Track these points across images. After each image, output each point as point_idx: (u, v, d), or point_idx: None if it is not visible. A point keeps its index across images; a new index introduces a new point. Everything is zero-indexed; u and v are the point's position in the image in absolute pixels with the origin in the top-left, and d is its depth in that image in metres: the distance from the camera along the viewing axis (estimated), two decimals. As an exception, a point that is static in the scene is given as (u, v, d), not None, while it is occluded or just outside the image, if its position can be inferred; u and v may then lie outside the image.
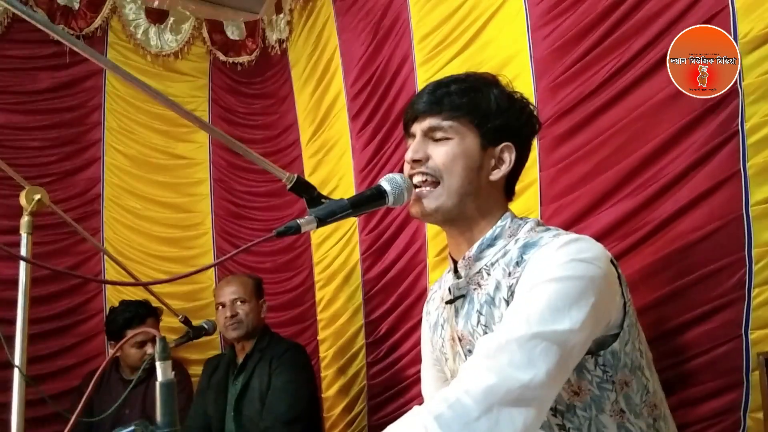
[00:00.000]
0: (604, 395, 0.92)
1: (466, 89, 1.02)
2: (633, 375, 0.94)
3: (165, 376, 0.80)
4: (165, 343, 0.83)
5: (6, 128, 2.60)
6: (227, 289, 2.23)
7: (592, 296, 0.84)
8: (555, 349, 0.79)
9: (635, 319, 0.98)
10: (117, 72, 0.86)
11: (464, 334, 1.01)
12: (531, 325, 0.80)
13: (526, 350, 0.78)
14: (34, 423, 1.27)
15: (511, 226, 1.01)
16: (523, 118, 1.06)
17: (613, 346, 0.92)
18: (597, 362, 0.91)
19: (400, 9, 2.11)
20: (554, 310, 0.81)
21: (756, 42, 1.16)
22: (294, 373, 2.08)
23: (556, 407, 0.94)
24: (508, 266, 0.95)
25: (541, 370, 0.76)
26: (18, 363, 1.18)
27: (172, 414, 0.79)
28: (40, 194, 1.28)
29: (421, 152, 1.01)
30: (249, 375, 2.13)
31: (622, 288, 0.95)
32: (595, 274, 0.86)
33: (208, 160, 2.98)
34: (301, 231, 0.86)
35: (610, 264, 0.91)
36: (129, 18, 2.87)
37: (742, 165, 1.18)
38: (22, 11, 0.78)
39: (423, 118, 1.03)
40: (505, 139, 1.03)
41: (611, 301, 0.90)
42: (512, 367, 0.76)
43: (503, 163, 1.03)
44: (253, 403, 2.09)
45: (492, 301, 0.96)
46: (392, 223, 2.17)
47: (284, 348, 2.16)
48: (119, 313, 2.32)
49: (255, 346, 2.18)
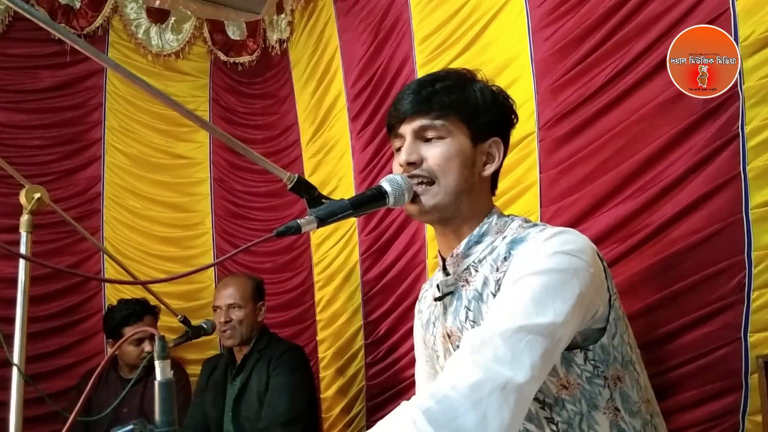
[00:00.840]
0: (595, 390, 0.92)
1: (452, 87, 1.02)
2: (625, 370, 0.94)
3: (164, 375, 0.80)
4: (164, 342, 0.83)
5: (6, 127, 2.60)
6: (224, 293, 2.21)
7: (577, 288, 0.84)
8: (540, 341, 0.79)
9: (622, 313, 0.98)
10: (118, 71, 0.86)
11: (453, 330, 1.02)
12: (515, 318, 0.81)
13: (511, 344, 0.78)
14: (32, 422, 1.27)
15: (498, 223, 1.03)
16: (507, 111, 1.08)
17: (602, 341, 0.92)
18: (587, 357, 0.92)
19: (401, 10, 2.11)
20: (538, 302, 0.82)
21: (757, 45, 1.16)
22: (292, 374, 2.08)
23: (544, 400, 0.94)
24: (495, 262, 0.96)
25: (526, 364, 0.77)
26: (17, 361, 1.18)
27: (171, 413, 0.79)
28: (40, 193, 1.28)
29: (415, 154, 1.00)
30: (247, 375, 2.13)
31: (608, 281, 0.95)
32: (579, 266, 0.87)
33: (209, 160, 2.98)
34: (301, 231, 0.86)
35: (596, 256, 0.92)
36: (130, 17, 2.87)
37: (742, 168, 1.19)
38: (25, 9, 0.78)
39: (412, 118, 1.02)
40: (493, 134, 1.04)
41: (597, 293, 0.90)
42: (497, 361, 0.77)
43: (493, 158, 1.05)
44: (251, 403, 2.08)
45: (480, 297, 0.97)
46: (392, 224, 2.17)
47: (283, 349, 2.16)
48: (116, 311, 2.33)
49: (253, 347, 2.17)
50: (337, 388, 2.45)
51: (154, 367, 0.81)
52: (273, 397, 2.03)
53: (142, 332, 2.26)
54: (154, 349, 0.82)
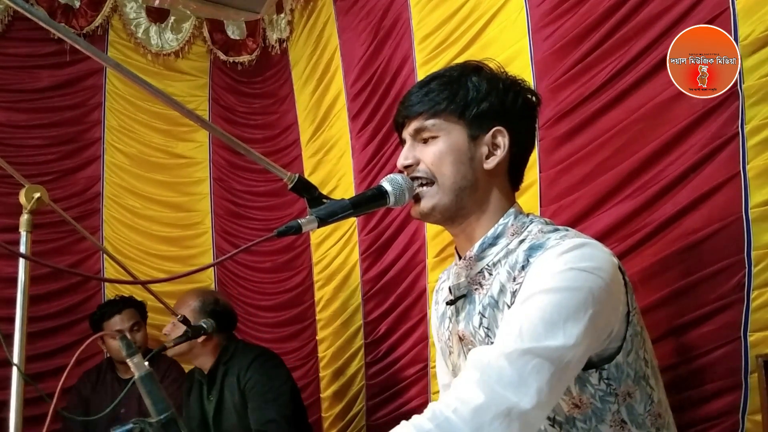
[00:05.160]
0: (606, 407, 0.90)
1: (445, 83, 1.00)
2: (637, 385, 0.91)
3: (139, 371, 0.80)
4: (127, 340, 0.84)
5: (6, 126, 2.60)
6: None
7: (591, 308, 0.80)
8: (547, 365, 0.77)
9: (640, 328, 0.94)
10: (118, 70, 0.86)
11: (465, 335, 1.00)
12: (523, 340, 0.78)
13: (517, 367, 0.76)
14: (32, 421, 1.26)
15: (515, 224, 0.97)
16: (509, 97, 0.99)
17: (617, 359, 0.88)
18: (601, 376, 0.89)
19: (400, 9, 2.11)
20: (548, 323, 0.79)
21: (757, 44, 1.16)
22: (265, 384, 1.98)
23: (554, 418, 0.92)
24: (513, 269, 0.92)
25: (532, 389, 0.75)
26: (17, 361, 1.17)
27: (162, 401, 0.79)
28: (39, 192, 1.27)
29: (411, 158, 0.99)
30: (219, 390, 2.05)
31: (628, 296, 0.91)
32: (595, 284, 0.82)
33: (208, 160, 2.98)
34: (302, 231, 0.85)
35: (616, 272, 0.88)
36: (130, 17, 2.87)
37: (742, 167, 1.18)
38: (25, 9, 0.78)
39: (409, 122, 1.01)
40: (494, 123, 0.98)
41: (613, 312, 0.87)
42: (501, 385, 0.75)
43: (498, 149, 0.98)
44: (230, 416, 2.03)
45: (495, 305, 0.94)
46: (392, 224, 2.17)
47: (250, 359, 2.03)
48: (97, 309, 2.38)
49: (218, 360, 2.06)
50: (337, 388, 2.45)
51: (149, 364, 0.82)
52: (256, 405, 1.95)
53: (126, 321, 2.33)
54: (122, 349, 0.83)
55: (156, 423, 0.77)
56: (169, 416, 0.78)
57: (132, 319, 2.35)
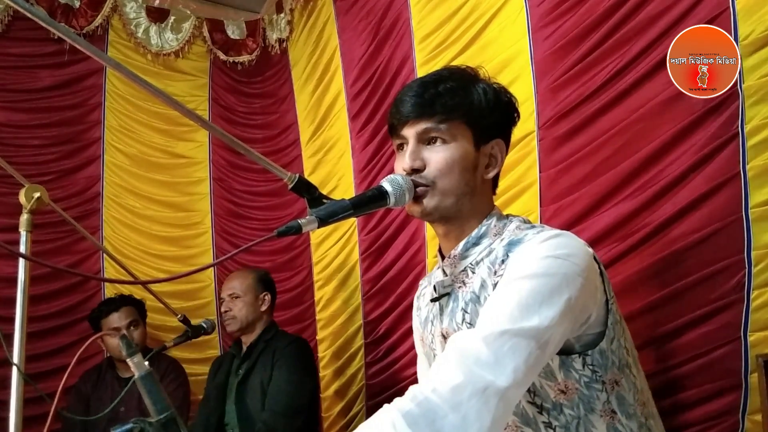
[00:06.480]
0: (593, 395, 0.92)
1: (455, 89, 1.01)
2: (622, 373, 0.94)
3: (139, 370, 0.80)
4: (127, 339, 0.84)
5: (6, 126, 2.59)
6: (227, 285, 2.32)
7: (566, 293, 0.84)
8: (524, 345, 0.80)
9: (619, 317, 0.98)
10: (118, 70, 0.86)
11: (449, 332, 1.02)
12: (500, 322, 0.81)
13: (494, 348, 0.79)
14: (32, 421, 1.26)
15: (497, 225, 1.02)
16: (510, 111, 1.06)
17: (601, 345, 0.92)
18: (585, 362, 0.92)
19: (400, 9, 2.11)
20: (524, 307, 0.82)
21: (757, 44, 1.16)
22: (296, 367, 2.10)
23: (542, 405, 0.94)
24: (493, 265, 0.96)
25: (508, 368, 0.78)
26: (17, 361, 1.17)
27: (162, 400, 0.79)
28: (39, 192, 1.27)
29: (419, 161, 1.00)
30: (252, 363, 2.15)
31: (605, 285, 0.95)
32: (570, 270, 0.86)
33: (208, 159, 2.97)
34: (302, 231, 0.86)
35: (591, 260, 0.91)
36: (130, 17, 2.86)
37: (742, 167, 1.19)
38: (25, 8, 0.78)
39: (415, 122, 1.00)
40: (496, 135, 1.04)
41: (590, 297, 0.90)
42: (479, 365, 0.78)
43: (495, 160, 1.04)
44: (254, 391, 2.10)
45: (477, 299, 0.97)
46: (392, 224, 2.17)
47: (288, 341, 2.19)
48: (95, 309, 2.37)
49: (260, 336, 2.21)
50: (337, 388, 2.45)
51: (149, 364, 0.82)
52: (276, 389, 2.05)
53: (125, 318, 2.32)
54: (122, 349, 0.83)
55: (156, 422, 0.77)
56: (169, 416, 0.78)
57: (129, 316, 2.35)
